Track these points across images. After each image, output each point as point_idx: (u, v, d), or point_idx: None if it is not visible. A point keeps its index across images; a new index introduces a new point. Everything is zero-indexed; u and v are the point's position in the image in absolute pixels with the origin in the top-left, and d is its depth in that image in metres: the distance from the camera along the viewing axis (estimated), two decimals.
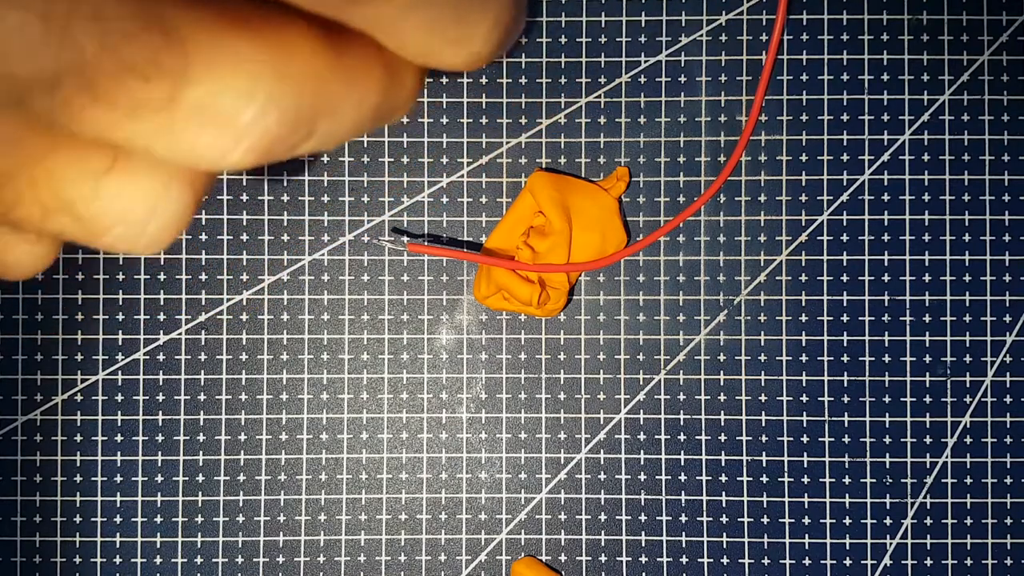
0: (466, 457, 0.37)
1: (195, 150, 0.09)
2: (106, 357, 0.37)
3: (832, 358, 0.37)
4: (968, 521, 0.37)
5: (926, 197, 0.38)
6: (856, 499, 0.37)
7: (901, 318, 0.37)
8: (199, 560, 0.37)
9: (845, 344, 0.37)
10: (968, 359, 0.37)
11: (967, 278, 0.37)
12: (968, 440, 0.37)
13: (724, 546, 0.37)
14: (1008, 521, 0.37)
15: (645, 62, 0.38)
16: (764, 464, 0.37)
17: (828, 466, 0.37)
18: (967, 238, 0.38)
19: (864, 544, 0.37)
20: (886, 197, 0.38)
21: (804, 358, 0.37)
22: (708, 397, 0.37)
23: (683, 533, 0.37)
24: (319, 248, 0.38)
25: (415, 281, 0.38)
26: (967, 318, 0.37)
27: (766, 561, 0.37)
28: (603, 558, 0.37)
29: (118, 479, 0.37)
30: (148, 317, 0.37)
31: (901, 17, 0.38)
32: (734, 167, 0.38)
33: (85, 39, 0.08)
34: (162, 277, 0.37)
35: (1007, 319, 0.37)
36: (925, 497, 0.37)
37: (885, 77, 0.38)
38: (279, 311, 0.37)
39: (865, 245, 0.38)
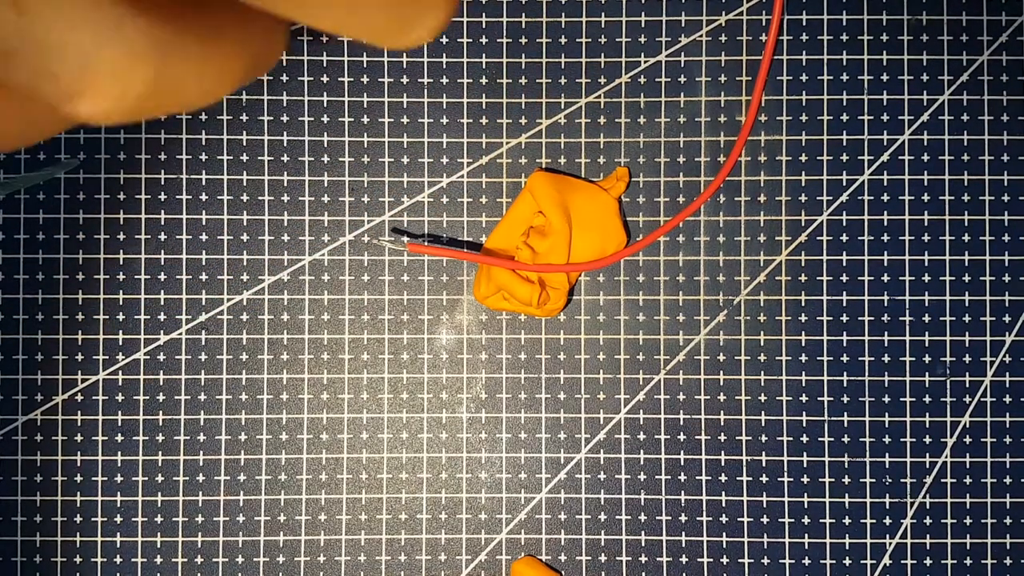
0: (466, 457, 0.37)
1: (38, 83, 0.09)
2: (106, 357, 0.37)
3: (832, 358, 0.37)
4: (967, 521, 0.37)
5: (925, 197, 0.38)
6: (855, 499, 0.37)
7: (900, 318, 0.37)
8: (199, 560, 0.37)
9: (845, 344, 0.37)
10: (967, 359, 0.37)
11: (966, 278, 0.37)
12: (967, 440, 0.37)
13: (724, 546, 0.37)
14: (1007, 521, 0.37)
15: (645, 62, 0.38)
16: (763, 464, 0.37)
17: (827, 466, 0.37)
18: (966, 238, 0.38)
19: (864, 544, 0.37)
20: (886, 197, 0.38)
21: (804, 358, 0.37)
22: (708, 397, 0.37)
23: (683, 533, 0.37)
24: (319, 248, 0.38)
25: (415, 281, 0.38)
26: (966, 318, 0.37)
27: (766, 561, 0.37)
28: (603, 558, 0.37)
29: (118, 479, 0.37)
30: (148, 317, 0.37)
31: (901, 17, 0.38)
32: (732, 166, 0.38)
33: None
34: (162, 277, 0.37)
35: (1006, 319, 0.37)
36: (924, 497, 0.37)
37: (885, 77, 0.38)
38: (279, 311, 0.37)
39: (864, 245, 0.38)
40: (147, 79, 0.09)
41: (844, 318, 0.37)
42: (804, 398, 0.37)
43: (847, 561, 0.37)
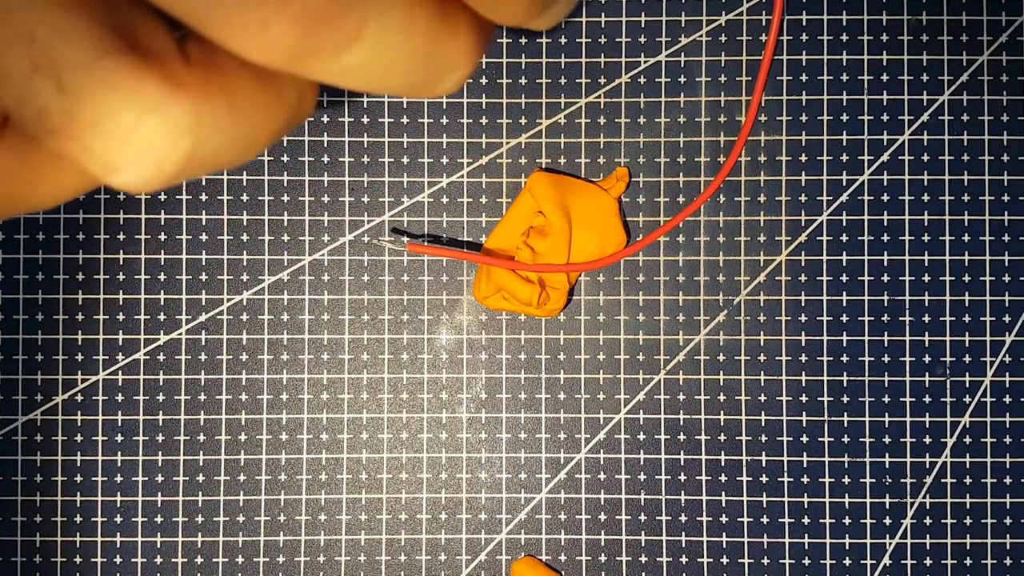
0: (466, 457, 0.37)
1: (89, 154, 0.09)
2: (106, 357, 0.37)
3: (831, 358, 0.37)
4: (967, 521, 0.37)
5: (925, 197, 0.38)
6: (855, 499, 0.37)
7: (900, 318, 0.37)
8: (199, 560, 0.37)
9: (844, 344, 0.37)
10: (967, 359, 0.37)
11: (966, 278, 0.37)
12: (967, 440, 0.37)
13: (724, 546, 0.37)
14: (1007, 521, 0.37)
15: (645, 62, 0.38)
16: (763, 464, 0.37)
17: (827, 466, 0.37)
18: (966, 238, 0.38)
19: (863, 544, 0.37)
20: (885, 197, 0.38)
21: (804, 358, 0.37)
22: (708, 397, 0.37)
23: (683, 533, 0.37)
24: (319, 248, 0.38)
25: (415, 281, 0.38)
26: (966, 318, 0.37)
27: (765, 561, 0.37)
28: (603, 558, 0.37)
29: (118, 479, 0.37)
30: (148, 317, 0.37)
31: (901, 17, 0.38)
32: (732, 166, 0.38)
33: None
34: (162, 277, 0.37)
35: (1006, 319, 0.37)
36: (924, 497, 0.37)
37: (884, 77, 0.38)
38: (279, 311, 0.37)
39: (864, 245, 0.38)
40: (184, 153, 0.09)
41: (844, 318, 0.37)
42: (804, 398, 0.37)
43: (847, 561, 0.37)
